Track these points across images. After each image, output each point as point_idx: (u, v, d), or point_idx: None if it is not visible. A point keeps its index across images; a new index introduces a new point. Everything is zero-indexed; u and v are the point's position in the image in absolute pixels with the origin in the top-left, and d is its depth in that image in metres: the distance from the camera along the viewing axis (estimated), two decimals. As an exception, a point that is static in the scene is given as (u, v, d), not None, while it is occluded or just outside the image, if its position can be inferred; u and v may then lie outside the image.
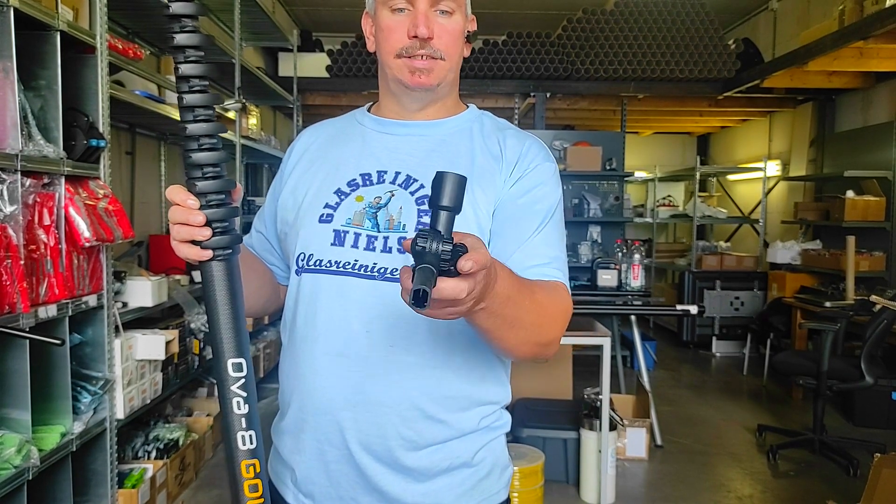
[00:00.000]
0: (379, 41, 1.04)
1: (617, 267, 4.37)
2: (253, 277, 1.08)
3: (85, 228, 2.13)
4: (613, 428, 3.15)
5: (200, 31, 0.72)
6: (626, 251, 4.55)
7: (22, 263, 1.90)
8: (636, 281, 4.36)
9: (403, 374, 0.96)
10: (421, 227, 0.92)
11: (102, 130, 2.31)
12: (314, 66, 6.15)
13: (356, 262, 0.97)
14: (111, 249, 2.44)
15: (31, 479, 1.93)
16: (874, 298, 3.89)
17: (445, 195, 0.65)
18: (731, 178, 7.71)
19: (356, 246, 0.98)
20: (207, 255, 0.76)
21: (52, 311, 2.06)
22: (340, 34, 6.73)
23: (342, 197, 1.02)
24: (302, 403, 1.00)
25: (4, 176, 1.89)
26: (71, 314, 2.17)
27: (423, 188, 1.00)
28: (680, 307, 3.90)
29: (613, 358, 4.58)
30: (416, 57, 1.00)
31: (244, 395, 0.76)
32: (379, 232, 0.98)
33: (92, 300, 2.30)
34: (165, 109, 2.99)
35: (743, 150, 7.67)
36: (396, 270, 0.95)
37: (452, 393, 0.99)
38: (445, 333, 0.97)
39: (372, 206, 1.00)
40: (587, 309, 3.72)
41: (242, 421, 0.76)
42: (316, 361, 0.99)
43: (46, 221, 2.06)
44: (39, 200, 2.05)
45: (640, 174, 8.09)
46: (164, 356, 2.78)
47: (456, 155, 1.04)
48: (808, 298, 5.00)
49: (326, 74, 6.16)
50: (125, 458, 2.89)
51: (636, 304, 4.18)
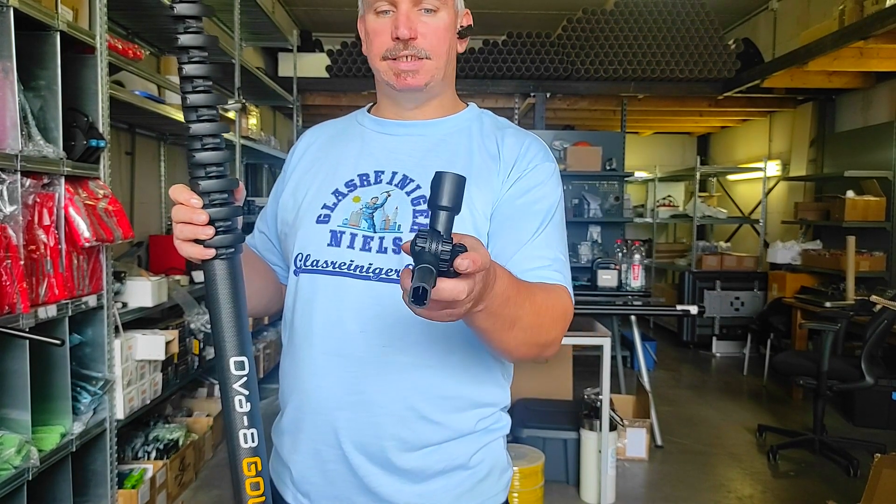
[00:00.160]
0: (367, 45, 1.04)
1: (617, 267, 4.37)
2: (255, 277, 1.08)
3: (85, 229, 2.13)
4: (613, 428, 3.15)
5: (204, 32, 0.72)
6: (626, 251, 4.55)
7: (22, 264, 1.90)
8: (636, 281, 4.36)
9: (398, 374, 0.96)
10: (420, 227, 0.92)
11: (102, 131, 2.31)
12: (314, 66, 6.15)
13: (352, 262, 0.97)
14: (111, 250, 2.44)
15: (30, 479, 1.92)
16: (874, 298, 3.89)
17: (444, 195, 0.65)
18: (731, 178, 7.71)
19: (352, 246, 0.98)
20: (210, 253, 0.76)
21: (51, 311, 2.05)
22: (340, 34, 6.73)
23: (340, 197, 1.02)
24: (299, 403, 1.01)
25: (4, 176, 1.88)
26: (71, 314, 2.17)
27: (419, 188, 1.00)
28: (680, 307, 3.90)
29: (613, 358, 4.58)
30: (400, 59, 0.99)
31: (246, 393, 0.77)
32: (375, 232, 0.98)
33: (92, 300, 2.30)
34: (165, 110, 2.98)
35: (743, 150, 7.67)
36: (392, 271, 0.96)
37: (448, 394, 0.98)
38: (441, 334, 0.97)
39: (368, 206, 1.00)
40: (587, 309, 3.72)
41: (244, 419, 0.76)
42: (313, 361, 0.99)
43: (46, 222, 2.06)
44: (39, 201, 2.04)
45: (640, 174, 8.08)
46: (163, 356, 2.77)
47: (454, 154, 1.04)
48: (808, 298, 5.00)
49: (326, 74, 6.16)
50: (125, 458, 2.89)
51: (636, 304, 4.18)
